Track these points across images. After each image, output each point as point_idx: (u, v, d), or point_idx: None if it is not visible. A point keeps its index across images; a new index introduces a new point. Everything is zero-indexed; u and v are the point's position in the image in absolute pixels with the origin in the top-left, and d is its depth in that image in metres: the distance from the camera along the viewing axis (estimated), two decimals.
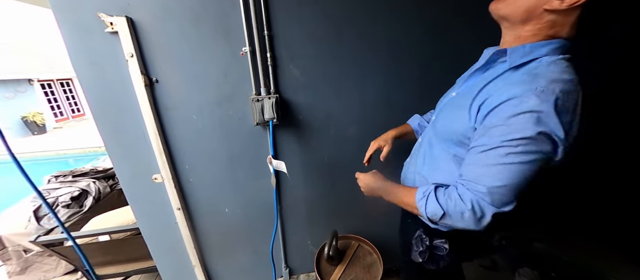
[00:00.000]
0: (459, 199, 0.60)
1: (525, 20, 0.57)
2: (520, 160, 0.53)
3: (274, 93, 1.11)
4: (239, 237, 1.40)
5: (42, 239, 1.57)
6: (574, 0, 0.50)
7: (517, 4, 0.57)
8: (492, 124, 0.55)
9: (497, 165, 0.55)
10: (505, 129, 0.53)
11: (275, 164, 1.11)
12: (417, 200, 0.67)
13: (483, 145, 0.57)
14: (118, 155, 1.12)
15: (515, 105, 0.52)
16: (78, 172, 2.61)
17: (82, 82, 0.99)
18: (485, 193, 0.57)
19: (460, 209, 0.59)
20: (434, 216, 0.63)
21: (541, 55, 0.56)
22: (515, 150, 0.53)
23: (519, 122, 0.51)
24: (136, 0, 0.93)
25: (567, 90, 0.51)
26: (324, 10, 1.04)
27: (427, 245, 0.78)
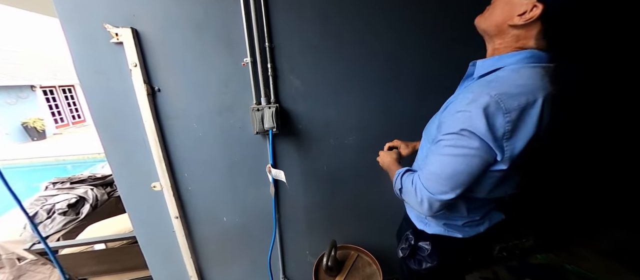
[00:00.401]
0: (411, 180, 0.70)
1: (497, 34, 0.64)
2: (451, 153, 0.61)
3: (274, 102, 1.12)
4: (236, 247, 1.39)
5: (37, 247, 1.55)
6: (528, 17, 0.55)
7: (491, 20, 0.64)
8: (443, 120, 0.64)
9: (435, 155, 0.65)
10: (445, 125, 0.62)
11: (274, 173, 1.11)
12: (396, 175, 0.77)
13: (435, 138, 0.66)
14: (118, 162, 1.13)
15: (456, 106, 0.61)
16: (76, 179, 2.60)
17: (86, 90, 1.01)
18: (421, 177, 0.67)
19: (408, 188, 0.71)
20: (396, 189, 0.76)
21: (505, 65, 0.61)
22: (448, 143, 0.61)
23: (453, 119, 0.60)
24: (141, 12, 0.96)
25: (509, 94, 0.54)
26: (322, 21, 1.06)
27: (411, 244, 0.87)
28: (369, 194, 1.39)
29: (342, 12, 1.06)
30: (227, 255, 1.40)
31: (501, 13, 0.61)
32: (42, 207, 2.19)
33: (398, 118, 1.25)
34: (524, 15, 0.56)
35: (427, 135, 0.79)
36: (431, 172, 0.65)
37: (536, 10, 0.54)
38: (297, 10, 1.04)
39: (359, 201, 1.40)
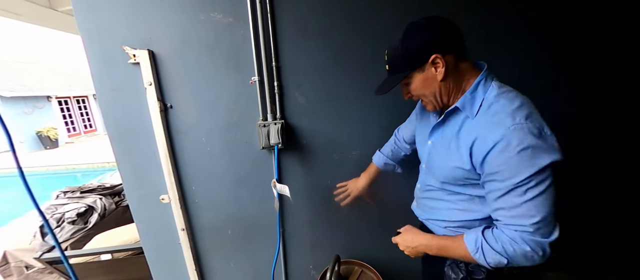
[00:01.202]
0: (514, 243, 0.61)
1: (444, 94, 0.70)
2: (540, 190, 0.58)
3: (280, 119, 1.16)
4: (240, 260, 1.40)
5: (46, 257, 1.58)
6: (441, 70, 0.65)
7: (430, 98, 0.72)
8: (495, 169, 0.61)
9: (524, 204, 0.59)
10: (511, 171, 0.58)
11: (279, 188, 1.14)
12: (472, 253, 0.67)
13: (499, 189, 0.62)
14: (129, 174, 1.17)
15: (504, 150, 0.58)
16: (86, 188, 2.67)
17: (103, 106, 1.07)
18: (533, 232, 0.60)
19: (522, 252, 0.61)
20: (499, 265, 0.64)
21: (482, 96, 0.66)
22: (530, 185, 0.58)
23: (519, 163, 0.57)
24: (158, 35, 1.03)
25: (527, 114, 0.59)
26: (327, 43, 1.11)
27: (465, 270, 0.77)
28: (372, 209, 1.39)
29: (346, 36, 1.11)
30: (231, 268, 1.40)
31: (429, 87, 0.69)
32: (52, 215, 2.24)
33: None
34: (438, 72, 0.66)
35: (441, 179, 0.78)
36: (537, 222, 0.59)
37: (439, 60, 0.64)
38: (303, 33, 1.09)
39: (363, 216, 1.40)
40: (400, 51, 0.67)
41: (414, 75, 0.69)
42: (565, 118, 1.43)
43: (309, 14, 1.08)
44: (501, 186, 0.61)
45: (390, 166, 1.13)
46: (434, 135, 0.80)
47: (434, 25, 0.66)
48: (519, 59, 1.22)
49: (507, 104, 0.62)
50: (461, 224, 0.79)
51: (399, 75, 0.71)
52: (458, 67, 0.67)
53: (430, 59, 0.64)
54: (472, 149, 0.64)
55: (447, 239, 0.75)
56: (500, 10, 1.14)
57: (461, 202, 0.77)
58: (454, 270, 0.79)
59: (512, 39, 1.19)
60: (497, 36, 1.17)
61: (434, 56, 0.64)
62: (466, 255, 0.69)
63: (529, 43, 1.22)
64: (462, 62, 0.68)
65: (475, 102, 0.67)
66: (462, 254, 0.70)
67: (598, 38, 1.29)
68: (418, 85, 0.70)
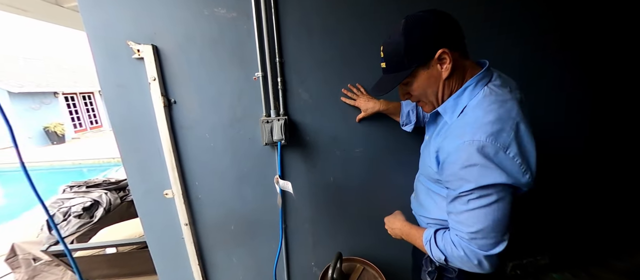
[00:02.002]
0: (453, 245, 0.64)
1: (446, 94, 0.66)
2: (482, 204, 0.58)
3: (283, 115, 1.16)
4: (243, 256, 1.40)
5: (52, 249, 1.61)
6: (448, 65, 0.60)
7: (431, 99, 0.68)
8: (447, 177, 0.63)
9: (465, 212, 0.60)
10: (458, 182, 0.60)
11: (282, 184, 1.14)
12: (424, 244, 0.72)
13: (449, 196, 0.64)
14: (133, 169, 1.18)
15: (452, 163, 0.60)
16: (92, 183, 2.70)
17: (108, 101, 1.08)
18: (468, 240, 0.61)
19: (457, 255, 0.63)
20: (439, 260, 0.68)
21: (466, 102, 0.63)
22: (473, 197, 0.58)
23: (464, 176, 0.58)
24: (162, 30, 1.03)
25: (494, 132, 0.55)
26: (332, 39, 1.10)
27: (436, 266, 0.81)
28: (375, 207, 1.39)
29: (350, 31, 1.10)
30: (233, 264, 1.41)
31: (432, 86, 0.65)
32: (58, 209, 2.28)
33: (405, 134, 1.26)
34: (444, 69, 0.61)
35: (422, 171, 0.83)
36: (473, 232, 0.59)
37: (446, 56, 0.60)
38: (307, 29, 1.08)
39: (366, 213, 1.40)
40: (402, 46, 0.61)
41: (417, 72, 0.63)
42: (566, 118, 1.41)
43: (314, 9, 1.07)
44: (451, 193, 0.63)
45: (409, 115, 1.05)
46: (429, 130, 0.84)
47: (438, 18, 0.60)
48: (523, 54, 1.20)
49: (480, 116, 0.58)
50: (439, 223, 0.80)
51: (401, 73, 0.64)
52: (462, 65, 0.64)
53: (436, 55, 0.59)
54: (438, 154, 0.66)
55: (414, 229, 0.81)
56: (504, 3, 1.12)
57: (439, 200, 0.77)
58: (426, 264, 0.85)
59: (516, 32, 1.17)
60: (503, 29, 1.15)
61: (441, 51, 0.59)
62: (421, 246, 0.74)
63: (533, 38, 1.19)
64: (465, 60, 0.64)
65: (457, 108, 0.64)
66: (419, 244, 0.75)
67: (602, 35, 1.26)
68: (420, 84, 0.65)
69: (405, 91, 0.71)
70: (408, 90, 0.69)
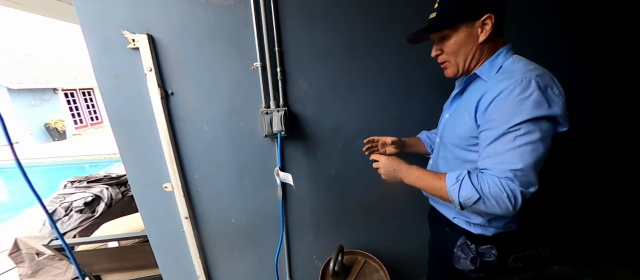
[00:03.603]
0: (493, 184, 0.62)
1: (475, 60, 0.72)
2: (528, 140, 0.59)
3: (283, 106, 1.13)
4: (244, 249, 1.40)
5: (55, 244, 1.61)
6: (489, 29, 0.66)
7: (459, 60, 0.72)
8: (492, 116, 0.63)
9: (510, 151, 0.60)
10: (507, 116, 0.60)
11: (282, 176, 1.12)
12: (449, 184, 0.67)
13: (490, 137, 0.63)
14: (132, 163, 1.16)
15: (506, 97, 0.61)
16: (93, 178, 2.71)
17: (104, 93, 1.05)
18: (512, 177, 0.60)
19: (495, 193, 0.61)
20: (468, 200, 0.64)
21: (501, 64, 0.69)
22: (520, 132, 0.59)
23: (515, 109, 0.59)
24: (157, 19, 1.00)
25: (540, 74, 0.61)
26: (333, 26, 1.07)
27: (475, 251, 0.78)
28: (376, 199, 1.38)
29: (353, 20, 1.07)
30: (234, 257, 1.41)
31: (465, 47, 0.70)
32: (60, 204, 2.28)
33: (407, 126, 1.24)
34: (483, 33, 0.67)
35: (449, 144, 0.79)
36: (518, 169, 0.60)
37: (489, 20, 0.65)
38: (308, 16, 1.05)
39: (367, 206, 1.39)
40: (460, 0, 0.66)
41: (460, 28, 0.68)
42: (571, 113, 1.38)
43: None
44: (493, 133, 0.63)
45: (433, 139, 1.07)
46: (452, 107, 0.83)
47: None
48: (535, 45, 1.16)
49: (522, 67, 0.64)
50: None
51: (447, 22, 0.69)
52: (496, 38, 0.70)
53: (483, 18, 0.65)
54: (480, 102, 0.66)
55: (429, 172, 0.75)
56: None
57: (453, 166, 0.77)
58: (464, 251, 0.79)
59: (528, 23, 1.13)
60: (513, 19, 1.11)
61: (488, 15, 0.65)
62: (438, 186, 0.70)
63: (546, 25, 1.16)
64: (498, 36, 0.70)
65: (493, 68, 0.69)
66: (435, 185, 0.71)
67: None
68: (458, 41, 0.69)
69: (440, 47, 0.74)
70: (442, 46, 0.73)
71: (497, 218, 0.78)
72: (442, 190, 0.69)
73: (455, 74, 0.76)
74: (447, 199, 0.68)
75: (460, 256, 0.80)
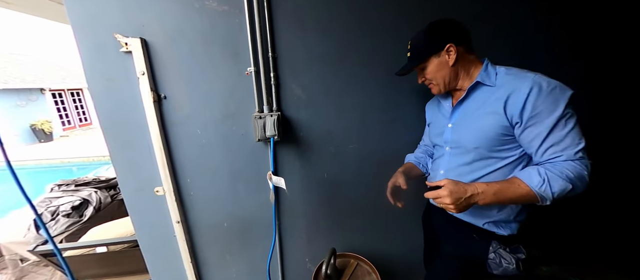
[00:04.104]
0: (573, 168, 0.68)
1: (453, 79, 0.85)
2: (574, 121, 0.69)
3: (276, 111, 1.15)
4: (236, 253, 1.39)
5: (40, 249, 1.57)
6: (453, 57, 0.80)
7: (439, 81, 0.85)
8: (536, 111, 0.70)
9: (568, 135, 0.69)
10: (550, 106, 0.68)
11: (274, 180, 1.13)
12: (537, 186, 0.70)
13: (543, 130, 0.70)
14: (123, 167, 1.15)
15: (539, 92, 0.69)
16: (81, 182, 2.64)
17: (95, 96, 1.04)
18: (581, 155, 0.69)
19: (579, 175, 0.68)
20: (562, 192, 0.69)
21: (495, 71, 0.80)
22: (567, 116, 0.68)
23: (555, 99, 0.68)
24: (151, 23, 1.00)
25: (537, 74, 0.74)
26: (326, 33, 1.10)
27: (512, 255, 0.83)
28: (368, 203, 1.39)
29: (345, 28, 1.10)
30: (226, 261, 1.40)
31: (441, 71, 0.84)
32: (46, 208, 2.22)
33: (399, 131, 1.27)
34: (450, 58, 0.81)
35: (475, 142, 0.81)
36: (582, 148, 0.68)
37: (452, 48, 0.79)
38: (301, 23, 1.07)
39: (359, 209, 1.40)
40: (423, 40, 0.83)
41: (431, 59, 0.83)
42: None
43: (308, 4, 1.06)
44: (545, 126, 0.69)
45: (422, 159, 1.13)
46: (455, 115, 0.89)
47: (451, 23, 0.81)
48: (522, 56, 1.21)
49: (519, 69, 0.77)
50: None
51: (420, 58, 0.85)
52: (466, 57, 0.83)
53: (445, 47, 0.79)
54: (508, 102, 0.73)
55: (501, 183, 0.74)
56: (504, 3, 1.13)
57: (500, 168, 0.81)
58: (503, 257, 0.83)
59: (515, 36, 1.18)
60: (503, 31, 1.16)
61: (449, 45, 0.79)
62: (525, 192, 0.71)
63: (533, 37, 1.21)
64: (469, 54, 0.83)
65: (490, 75, 0.80)
66: (522, 192, 0.71)
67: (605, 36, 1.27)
68: (433, 69, 0.84)
69: (422, 75, 0.89)
70: (424, 74, 0.88)
71: (521, 212, 0.85)
72: (530, 194, 0.70)
73: (440, 91, 0.88)
74: (534, 200, 0.71)
75: (500, 263, 0.82)
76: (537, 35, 1.21)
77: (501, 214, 0.85)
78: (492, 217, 0.86)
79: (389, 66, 1.16)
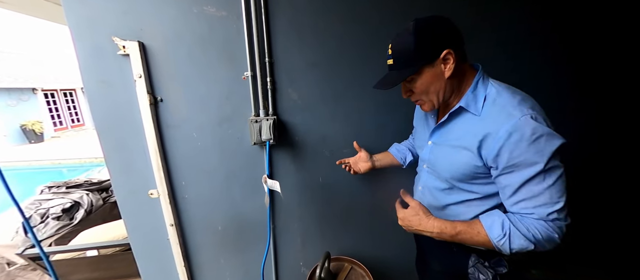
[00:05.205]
0: (543, 229, 0.61)
1: (447, 93, 0.70)
2: (557, 175, 0.59)
3: (272, 115, 1.16)
4: (230, 256, 1.39)
5: (29, 252, 1.54)
6: (451, 65, 0.65)
7: (431, 97, 0.71)
8: (512, 161, 0.61)
9: (546, 191, 0.59)
10: (530, 159, 0.59)
11: (270, 184, 1.14)
12: (496, 238, 0.64)
13: (517, 181, 0.61)
14: (117, 169, 1.15)
15: (519, 140, 0.59)
16: (72, 184, 2.60)
17: (90, 98, 1.04)
18: (556, 217, 0.60)
19: (547, 237, 0.61)
20: (522, 250, 0.62)
21: (484, 93, 0.67)
22: (548, 171, 0.58)
23: (536, 151, 0.58)
24: (149, 26, 1.01)
25: (531, 106, 0.62)
26: (322, 39, 1.12)
27: (491, 269, 0.76)
28: (363, 207, 1.41)
29: (341, 33, 1.12)
30: (220, 265, 1.39)
31: (435, 84, 0.68)
32: (36, 211, 2.18)
33: (392, 135, 1.29)
34: (447, 69, 0.66)
35: (448, 172, 0.75)
36: (560, 209, 0.60)
37: (450, 56, 0.64)
38: (297, 30, 1.09)
39: (354, 213, 1.42)
40: (413, 44, 0.64)
41: (423, 70, 0.67)
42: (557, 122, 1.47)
43: (305, 10, 1.08)
44: (519, 177, 0.61)
45: (403, 151, 1.11)
46: (435, 136, 0.80)
47: (446, 22, 0.65)
48: (520, 63, 1.24)
49: (511, 98, 0.63)
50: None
51: (407, 69, 0.67)
52: (462, 67, 0.68)
53: (442, 54, 0.64)
54: (483, 143, 0.64)
55: (461, 225, 0.70)
56: (500, 12, 1.16)
57: (474, 203, 0.75)
58: (481, 271, 0.77)
59: (514, 43, 1.21)
60: (500, 38, 1.19)
61: (446, 51, 0.63)
62: (485, 242, 0.66)
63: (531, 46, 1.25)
64: (464, 63, 0.69)
65: (478, 99, 0.68)
66: (480, 240, 0.66)
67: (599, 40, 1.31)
68: (424, 82, 0.68)
69: (408, 88, 0.73)
70: (411, 88, 0.72)
71: None
72: (487, 244, 0.66)
73: (433, 109, 0.75)
74: (492, 249, 0.66)
75: (478, 278, 0.77)
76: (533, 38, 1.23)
77: None
78: None
79: (383, 73, 1.19)
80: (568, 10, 1.23)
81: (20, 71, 9.39)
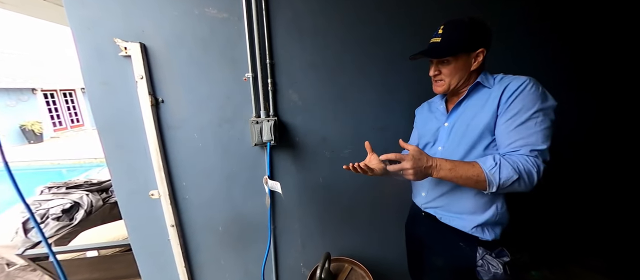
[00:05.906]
0: (525, 162, 0.72)
1: (464, 82, 0.84)
2: (548, 124, 0.73)
3: (273, 116, 1.17)
4: (231, 257, 1.39)
5: (29, 253, 1.54)
6: (480, 60, 0.80)
7: (452, 81, 0.84)
8: (519, 105, 0.73)
9: (538, 131, 0.72)
10: (531, 103, 0.72)
11: (270, 185, 1.14)
12: (488, 168, 0.74)
13: (517, 121, 0.74)
14: (118, 169, 1.15)
15: (525, 89, 0.74)
16: (72, 184, 2.60)
17: (92, 99, 1.05)
18: (537, 155, 0.72)
19: (528, 170, 0.71)
20: (508, 180, 0.72)
21: (492, 77, 0.83)
22: (539, 119, 0.72)
23: (538, 97, 0.73)
24: (151, 28, 1.02)
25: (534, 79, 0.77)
26: (322, 41, 1.13)
27: (498, 260, 0.85)
28: (363, 207, 1.41)
29: (342, 35, 1.13)
30: (220, 266, 1.40)
31: (460, 72, 0.82)
32: (35, 211, 2.18)
33: (392, 136, 1.29)
34: (475, 63, 0.81)
35: (472, 135, 0.82)
36: (545, 149, 0.72)
37: (481, 54, 0.80)
38: (299, 31, 1.10)
39: (354, 214, 1.42)
40: (465, 34, 0.77)
41: (460, 56, 0.80)
42: None
43: (305, 12, 1.09)
44: (519, 118, 0.73)
45: None
46: (452, 117, 0.89)
47: (488, 27, 0.79)
48: (520, 62, 1.25)
49: (517, 76, 0.78)
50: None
51: (452, 50, 0.80)
52: (481, 65, 0.83)
53: (478, 50, 0.79)
54: (504, 92, 0.76)
55: (457, 162, 0.78)
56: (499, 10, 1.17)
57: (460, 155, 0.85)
58: (490, 263, 0.85)
59: (514, 42, 1.22)
60: (500, 36, 1.19)
61: (482, 49, 0.79)
62: (475, 173, 0.74)
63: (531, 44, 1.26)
64: (483, 64, 0.84)
65: (488, 79, 0.83)
66: (470, 173, 0.75)
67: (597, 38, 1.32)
68: (457, 66, 0.81)
69: (438, 68, 0.85)
70: (441, 68, 0.84)
71: (504, 214, 0.86)
72: (479, 177, 0.74)
73: (445, 91, 0.86)
74: (483, 183, 0.74)
75: (488, 269, 0.84)
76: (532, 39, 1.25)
77: (486, 215, 0.84)
78: (478, 221, 0.85)
79: (384, 73, 1.20)
80: (568, 10, 1.24)
81: (19, 71, 9.37)
